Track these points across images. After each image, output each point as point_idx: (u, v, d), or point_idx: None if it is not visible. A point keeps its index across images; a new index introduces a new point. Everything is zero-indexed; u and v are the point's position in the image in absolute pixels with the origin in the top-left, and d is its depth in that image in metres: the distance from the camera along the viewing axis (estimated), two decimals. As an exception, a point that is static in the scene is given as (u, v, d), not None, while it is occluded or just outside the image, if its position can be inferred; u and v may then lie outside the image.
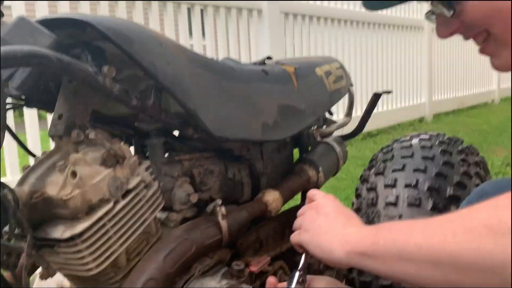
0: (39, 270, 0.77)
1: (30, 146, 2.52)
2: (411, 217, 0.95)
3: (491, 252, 0.46)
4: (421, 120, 5.79)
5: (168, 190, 0.90)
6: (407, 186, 1.01)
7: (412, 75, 5.68)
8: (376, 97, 1.39)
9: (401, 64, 5.43)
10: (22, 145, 0.82)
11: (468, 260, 0.49)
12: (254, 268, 0.91)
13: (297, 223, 0.80)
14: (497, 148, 4.17)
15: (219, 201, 0.92)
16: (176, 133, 1.06)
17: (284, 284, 0.79)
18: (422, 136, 1.19)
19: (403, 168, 1.05)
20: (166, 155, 0.98)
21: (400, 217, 0.96)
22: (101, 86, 0.70)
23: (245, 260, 0.95)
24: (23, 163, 1.93)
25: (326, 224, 0.72)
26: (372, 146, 4.59)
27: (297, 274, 0.76)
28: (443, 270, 0.52)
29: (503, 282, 0.46)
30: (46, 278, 0.75)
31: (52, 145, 0.77)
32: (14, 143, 2.37)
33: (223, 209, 0.92)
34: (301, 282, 0.77)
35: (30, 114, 2.58)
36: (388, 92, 1.39)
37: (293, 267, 1.15)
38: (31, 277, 0.78)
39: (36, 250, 0.71)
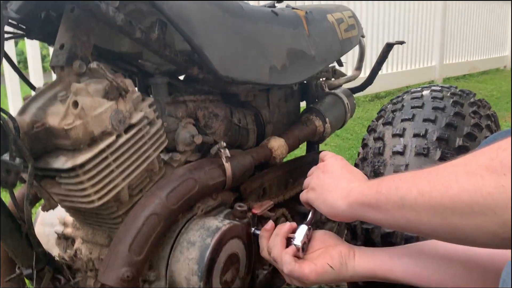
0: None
1: (10, 99, 2.53)
2: (418, 166, 0.93)
3: (492, 193, 0.46)
4: (431, 83, 5.70)
5: (172, 130, 0.88)
6: (415, 135, 0.98)
7: (425, 36, 5.55)
8: (388, 48, 1.34)
9: (414, 24, 5.29)
10: (22, 76, 0.80)
11: (469, 202, 0.48)
12: (256, 211, 0.90)
13: (306, 182, 0.81)
14: (507, 114, 4.11)
15: (223, 143, 0.91)
16: (181, 78, 1.03)
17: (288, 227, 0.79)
18: (434, 88, 1.16)
19: (412, 118, 1.03)
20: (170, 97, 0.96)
21: (406, 166, 0.94)
22: (104, 13, 0.67)
23: (248, 204, 0.95)
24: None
25: (332, 181, 0.73)
26: (379, 108, 4.55)
27: (305, 228, 0.77)
28: (444, 215, 0.52)
29: (503, 223, 0.46)
30: (47, 210, 0.74)
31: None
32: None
33: (227, 151, 0.90)
34: (308, 235, 0.77)
35: (35, 68, 2.57)
36: (401, 43, 1.34)
37: (295, 216, 1.16)
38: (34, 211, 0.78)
39: (37, 181, 0.71)
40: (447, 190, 0.51)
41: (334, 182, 0.73)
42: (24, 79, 0.81)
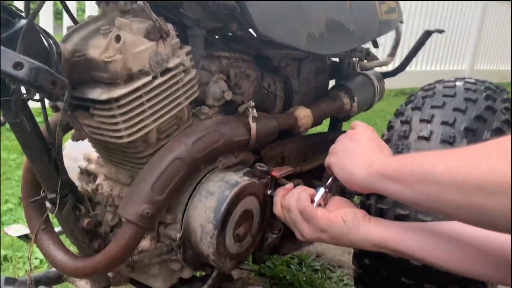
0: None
1: None
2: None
3: None
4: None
5: (203, 84, 0.89)
6: (443, 123, 0.98)
7: (459, 39, 5.42)
8: (426, 35, 1.32)
9: (451, 24, 5.17)
10: (66, 8, 0.81)
11: (498, 182, 0.48)
12: (275, 174, 0.91)
13: (331, 147, 0.80)
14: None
15: (252, 103, 0.91)
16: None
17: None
18: (468, 80, 1.14)
19: (442, 106, 1.02)
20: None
21: (430, 151, 0.94)
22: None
23: (267, 168, 0.96)
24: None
25: (356, 149, 0.73)
26: (403, 103, 4.49)
27: (322, 190, 0.77)
28: (469, 193, 0.51)
29: None
30: (77, 140, 0.76)
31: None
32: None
33: (254, 111, 0.91)
34: (325, 198, 0.78)
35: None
36: (441, 31, 1.32)
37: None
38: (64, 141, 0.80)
39: (71, 110, 0.72)
40: (475, 168, 0.50)
41: (358, 150, 0.72)
42: (69, 13, 0.82)
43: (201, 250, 0.77)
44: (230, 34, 0.99)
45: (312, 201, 0.76)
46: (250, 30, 0.91)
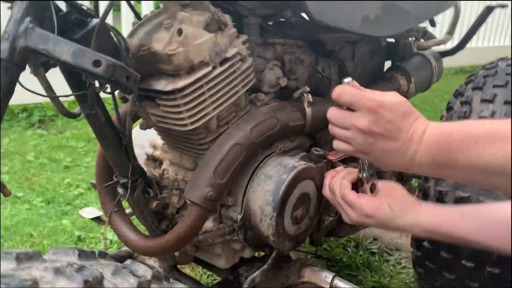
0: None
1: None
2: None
3: None
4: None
5: (259, 71, 0.92)
6: (506, 103, 0.94)
7: (526, 10, 5.05)
8: (488, 11, 1.27)
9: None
10: (132, 8, 0.87)
11: None
12: (331, 157, 0.93)
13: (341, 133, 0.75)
14: None
15: (307, 88, 0.93)
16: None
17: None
18: (534, 57, 1.09)
19: (505, 85, 0.98)
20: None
21: (492, 132, 0.92)
22: None
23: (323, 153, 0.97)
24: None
25: (385, 146, 0.68)
26: (462, 82, 4.29)
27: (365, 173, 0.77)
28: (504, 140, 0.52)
29: None
30: (145, 129, 0.82)
31: (159, 6, 0.80)
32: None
33: (309, 96, 0.93)
34: (371, 177, 0.78)
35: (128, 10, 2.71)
36: (503, 6, 1.26)
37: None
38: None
39: (139, 101, 0.77)
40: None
41: (389, 146, 0.64)
42: (133, 9, 0.87)
43: (261, 231, 0.81)
44: (284, 20, 1.01)
45: (355, 186, 0.76)
46: (304, 15, 0.92)
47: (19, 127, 2.50)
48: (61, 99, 0.67)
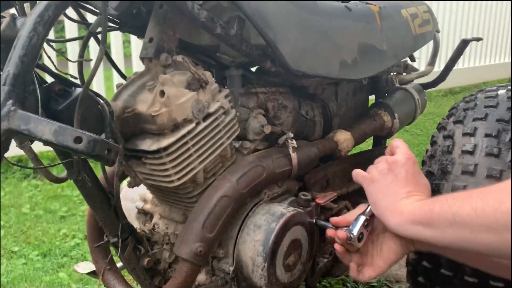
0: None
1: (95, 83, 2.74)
2: (489, 167, 0.92)
3: None
4: (510, 80, 5.34)
5: (243, 120, 0.94)
6: (487, 135, 0.96)
7: (503, 30, 5.19)
8: (464, 44, 1.31)
9: (491, 18, 4.96)
10: (115, 66, 0.89)
11: None
12: (320, 201, 0.94)
13: (369, 169, 0.80)
14: None
15: (291, 134, 0.95)
16: (253, 70, 1.08)
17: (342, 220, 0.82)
18: (510, 87, 1.11)
19: (485, 118, 1.00)
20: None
21: (475, 166, 0.93)
22: (190, 11, 0.73)
23: (312, 194, 0.99)
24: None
25: (391, 186, 0.73)
26: (452, 103, 4.35)
27: (362, 218, 0.78)
28: (498, 231, 0.52)
29: None
30: (133, 187, 0.83)
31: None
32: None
33: (294, 141, 0.95)
34: (366, 226, 0.79)
35: (117, 55, 2.77)
36: (478, 40, 1.30)
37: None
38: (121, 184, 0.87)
39: (126, 160, 0.79)
40: (500, 205, 0.51)
41: (393, 187, 0.72)
42: (118, 70, 0.90)
43: (254, 282, 0.81)
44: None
45: (349, 238, 0.77)
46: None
47: (14, 179, 2.51)
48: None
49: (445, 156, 1.01)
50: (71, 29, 2.69)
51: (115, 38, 2.84)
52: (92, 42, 0.97)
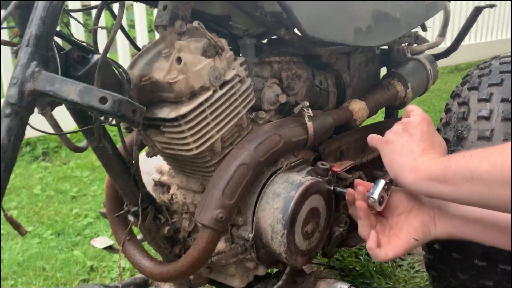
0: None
1: (121, 62, 2.75)
2: (505, 132, 0.91)
3: None
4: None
5: (258, 90, 0.93)
6: (503, 100, 0.95)
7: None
8: (477, 12, 1.29)
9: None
10: (128, 36, 0.89)
11: None
12: (336, 169, 0.94)
13: (385, 134, 0.80)
14: None
15: (306, 103, 0.95)
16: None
17: (366, 183, 0.82)
18: (526, 53, 1.10)
19: (500, 83, 0.99)
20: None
21: (492, 131, 0.93)
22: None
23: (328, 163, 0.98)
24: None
25: (406, 145, 0.73)
26: (459, 80, 4.32)
27: (382, 182, 0.78)
28: None
29: None
30: (151, 156, 0.83)
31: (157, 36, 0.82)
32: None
33: (309, 110, 0.94)
34: (386, 190, 0.79)
35: (142, 32, 2.80)
36: (491, 6, 1.28)
37: (371, 180, 1.18)
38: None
39: (144, 130, 0.79)
40: None
41: (408, 146, 0.72)
42: (131, 40, 0.89)
43: (273, 249, 0.82)
44: (278, 38, 1.03)
45: (368, 201, 0.77)
46: (298, 32, 0.94)
47: (23, 161, 2.52)
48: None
49: (460, 123, 1.00)
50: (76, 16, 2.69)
51: (140, 21, 2.86)
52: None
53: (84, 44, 0.69)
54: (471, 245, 0.94)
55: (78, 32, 2.56)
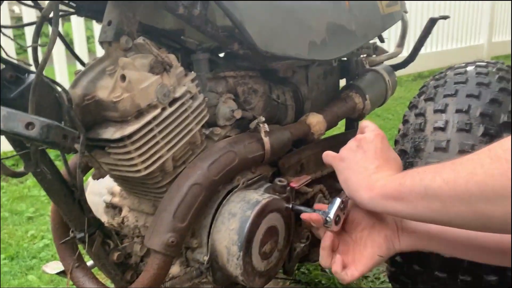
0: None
1: (58, 79, 2.68)
2: (460, 142, 0.92)
3: None
4: (477, 63, 5.45)
5: (212, 105, 0.91)
6: (458, 111, 0.96)
7: (472, 13, 5.29)
8: (431, 23, 1.31)
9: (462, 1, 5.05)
10: (72, 52, 0.85)
11: (496, 187, 0.48)
12: (294, 185, 0.92)
13: (340, 151, 0.79)
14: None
15: (262, 118, 0.92)
16: (221, 56, 1.05)
17: (325, 206, 0.80)
18: (479, 63, 1.12)
19: (455, 94, 1.00)
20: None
21: (448, 142, 0.93)
22: (149, -11, 0.69)
23: (286, 179, 0.96)
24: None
25: (361, 162, 0.71)
26: (421, 88, 4.42)
27: (338, 200, 0.76)
28: (471, 202, 0.51)
29: None
30: (98, 178, 0.79)
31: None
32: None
33: (266, 126, 0.92)
34: (343, 208, 0.77)
35: (80, 48, 2.68)
36: (445, 18, 1.30)
37: (333, 193, 1.17)
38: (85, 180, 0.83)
39: (88, 151, 0.75)
40: (472, 177, 0.50)
41: (363, 163, 0.71)
42: (76, 56, 0.85)
43: (229, 272, 0.79)
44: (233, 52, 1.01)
45: (325, 222, 0.75)
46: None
47: (-23, 181, 2.41)
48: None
49: (417, 134, 1.01)
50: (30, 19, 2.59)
51: (78, 33, 2.74)
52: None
53: (20, 62, 0.64)
54: (432, 257, 0.93)
55: (10, 49, 2.45)
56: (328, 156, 0.79)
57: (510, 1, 5.80)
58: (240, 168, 0.86)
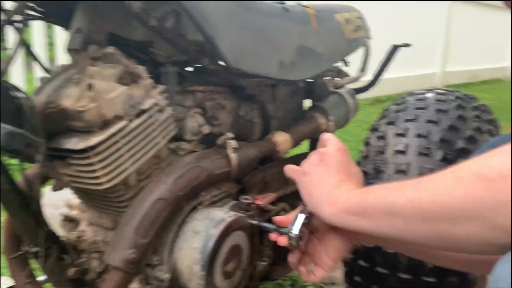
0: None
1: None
2: (420, 166, 0.95)
3: (482, 198, 0.46)
4: (431, 90, 5.71)
5: (180, 119, 0.90)
6: (418, 136, 1.00)
7: (427, 42, 5.55)
8: (394, 49, 1.36)
9: (418, 29, 5.30)
10: (36, 59, 0.82)
11: (459, 208, 0.48)
12: (259, 202, 0.92)
13: (301, 164, 0.79)
14: (506, 124, 4.13)
15: (230, 134, 0.92)
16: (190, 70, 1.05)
17: (285, 220, 0.80)
18: (438, 91, 1.17)
19: (415, 119, 1.04)
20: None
21: (408, 165, 0.96)
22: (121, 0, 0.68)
23: (251, 196, 0.96)
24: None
25: (324, 176, 0.72)
26: (379, 111, 4.55)
27: (301, 216, 0.76)
28: (433, 222, 0.52)
29: (494, 228, 0.46)
30: (57, 190, 0.76)
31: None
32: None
33: (233, 142, 0.92)
34: (306, 224, 0.77)
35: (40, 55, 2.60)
36: (407, 45, 1.36)
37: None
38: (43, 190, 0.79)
39: (49, 161, 0.72)
40: (436, 197, 0.51)
41: (325, 178, 0.70)
42: (40, 63, 0.82)
43: (191, 290, 0.77)
44: (203, 67, 1.00)
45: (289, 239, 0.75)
46: (222, 63, 0.92)
47: None
48: None
49: (378, 157, 1.03)
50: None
51: (39, 40, 2.65)
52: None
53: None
54: (390, 276, 0.95)
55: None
56: (291, 170, 0.78)
57: (465, 32, 6.14)
58: (206, 184, 0.85)
